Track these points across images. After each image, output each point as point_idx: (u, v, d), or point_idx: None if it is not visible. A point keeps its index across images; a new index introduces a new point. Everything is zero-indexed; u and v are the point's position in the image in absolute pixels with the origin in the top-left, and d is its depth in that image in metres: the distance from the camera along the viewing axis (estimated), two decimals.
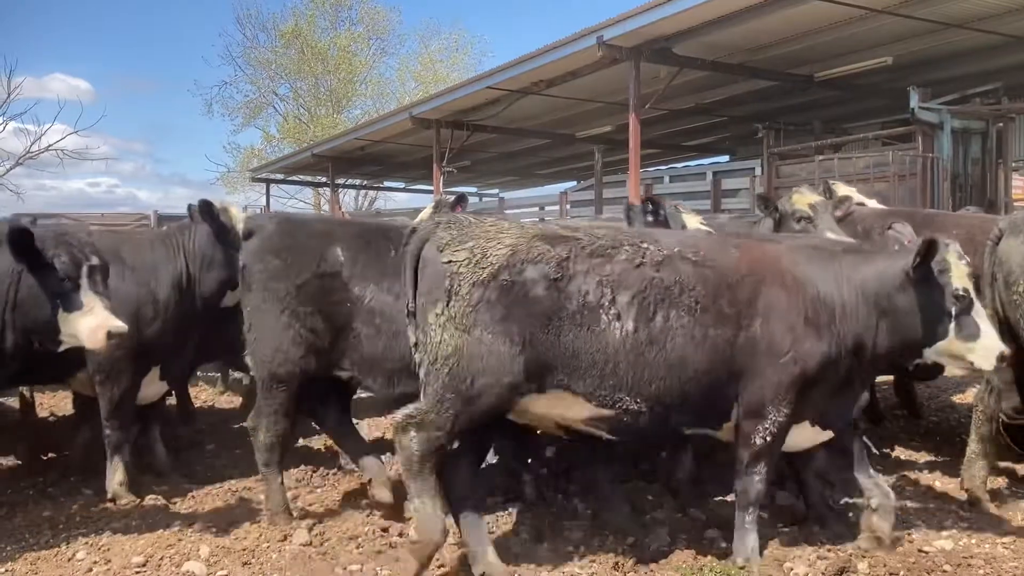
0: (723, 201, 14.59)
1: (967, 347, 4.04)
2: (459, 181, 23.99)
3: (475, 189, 28.65)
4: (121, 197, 59.68)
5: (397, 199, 35.51)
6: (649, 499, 5.15)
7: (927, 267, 4.02)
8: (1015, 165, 12.58)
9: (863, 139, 13.23)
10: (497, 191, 29.45)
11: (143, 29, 66.72)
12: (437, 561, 4.23)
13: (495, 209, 19.65)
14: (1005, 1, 9.99)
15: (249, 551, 4.42)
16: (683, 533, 4.59)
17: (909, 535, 4.51)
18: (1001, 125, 11.48)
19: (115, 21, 67.24)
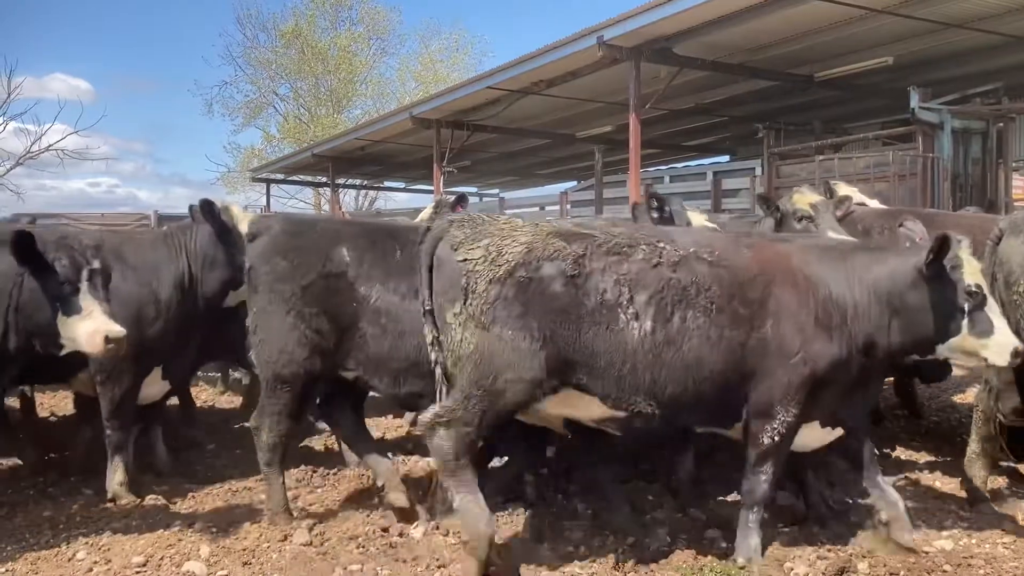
0: (723, 201, 14.57)
1: (981, 343, 4.03)
2: (459, 181, 23.98)
3: (475, 189, 28.63)
4: (121, 197, 59.73)
5: (397, 199, 35.55)
6: (649, 499, 5.15)
7: (940, 264, 4.01)
8: (1015, 165, 12.55)
9: (863, 139, 13.19)
10: (497, 191, 29.44)
11: (143, 29, 66.82)
12: (437, 561, 4.24)
13: (495, 209, 19.63)
14: (1005, 1, 9.97)
15: (249, 551, 4.42)
16: (683, 533, 4.59)
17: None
18: (1001, 125, 11.46)
19: (115, 21, 67.33)
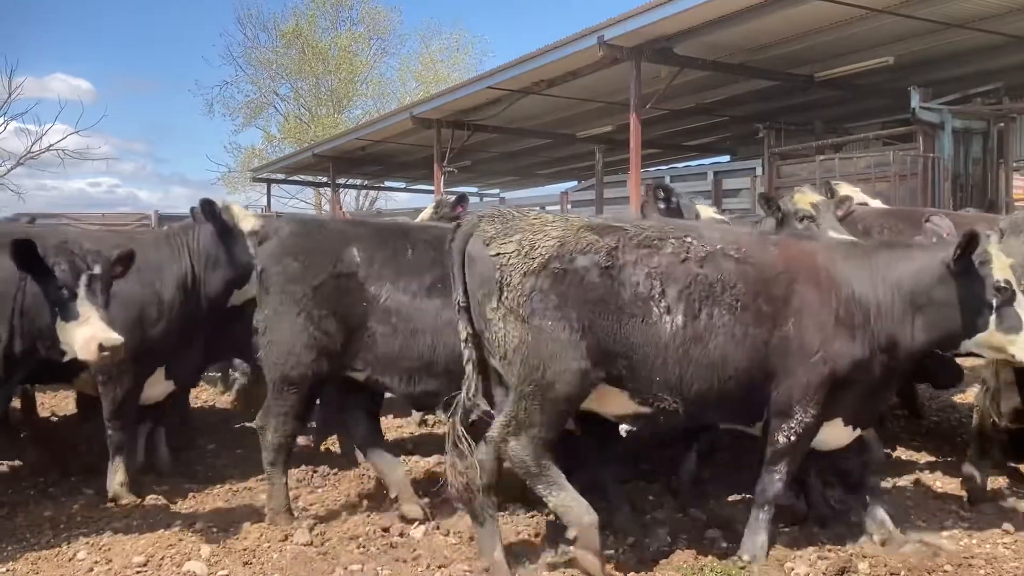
0: (724, 201, 14.58)
1: (1008, 339, 4.02)
2: (460, 181, 24.00)
3: (476, 189, 28.65)
4: (122, 197, 59.77)
5: (398, 199, 35.59)
6: (649, 499, 5.15)
7: (968, 259, 3.98)
8: (1016, 165, 12.55)
9: (864, 139, 13.20)
10: (498, 191, 29.47)
11: (144, 29, 66.86)
12: (438, 561, 4.24)
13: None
14: (1006, 1, 9.97)
15: (250, 551, 4.42)
16: (683, 533, 4.59)
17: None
18: (1002, 125, 11.47)
19: (116, 21, 67.37)
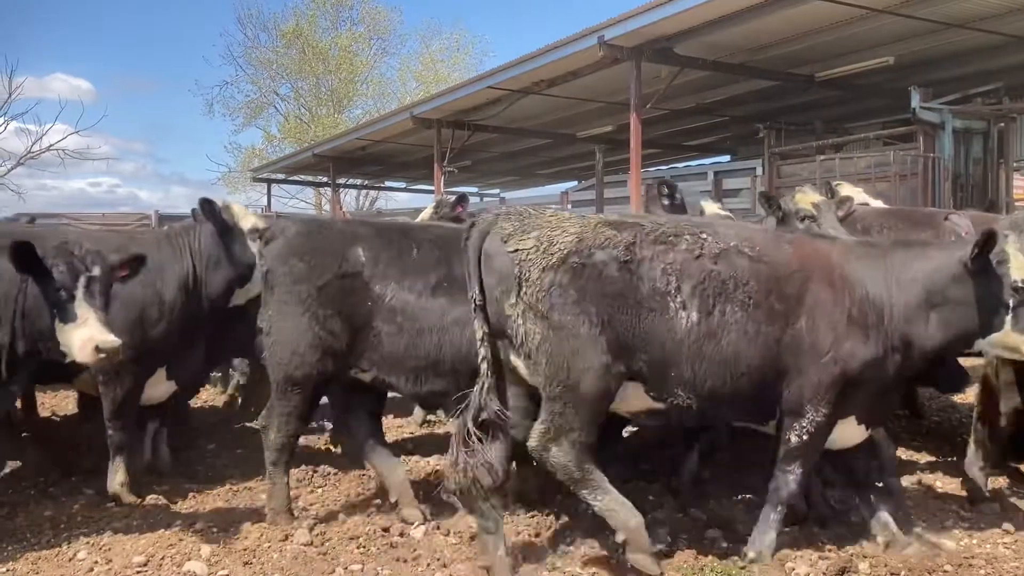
0: (724, 201, 14.54)
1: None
2: (460, 181, 23.98)
3: (476, 189, 28.62)
4: (122, 197, 59.79)
5: (398, 199, 35.58)
6: (649, 499, 5.13)
7: (985, 258, 3.97)
8: (1016, 165, 12.55)
9: (864, 139, 13.17)
10: (498, 191, 29.46)
11: (144, 29, 66.92)
12: (439, 561, 4.24)
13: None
14: (1007, 1, 9.96)
15: (250, 551, 4.42)
16: (684, 533, 4.59)
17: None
18: (1003, 125, 11.45)
19: (116, 21, 67.43)
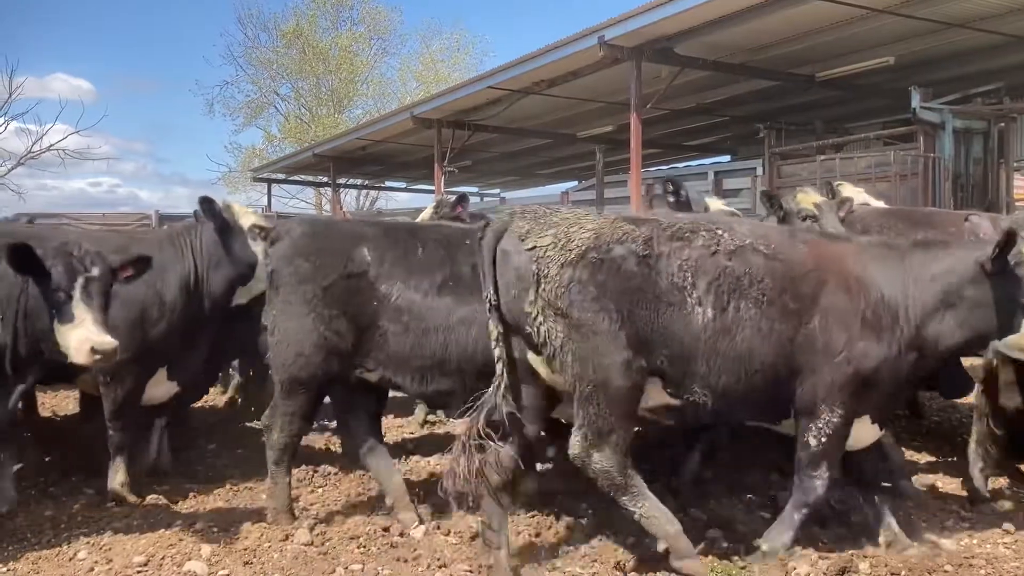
0: (725, 201, 14.56)
1: None
2: (460, 181, 24.01)
3: (476, 189, 28.65)
4: (122, 197, 59.85)
5: (398, 199, 35.59)
6: None
7: (1004, 259, 3.94)
8: (1017, 165, 12.55)
9: (865, 139, 13.19)
10: (498, 191, 29.47)
11: (144, 29, 66.96)
12: (438, 561, 4.24)
13: (496, 209, 19.62)
14: (1007, 1, 9.98)
15: (250, 551, 4.41)
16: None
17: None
18: (1003, 125, 11.46)
19: (116, 21, 67.50)
